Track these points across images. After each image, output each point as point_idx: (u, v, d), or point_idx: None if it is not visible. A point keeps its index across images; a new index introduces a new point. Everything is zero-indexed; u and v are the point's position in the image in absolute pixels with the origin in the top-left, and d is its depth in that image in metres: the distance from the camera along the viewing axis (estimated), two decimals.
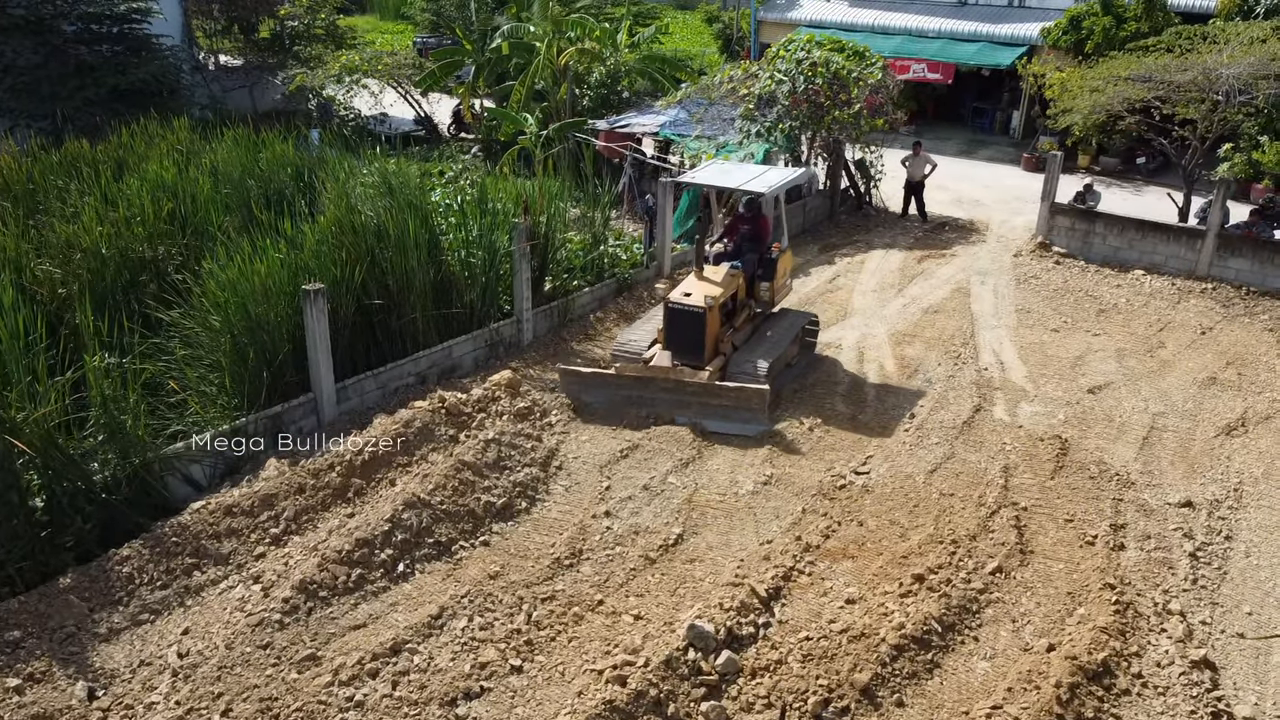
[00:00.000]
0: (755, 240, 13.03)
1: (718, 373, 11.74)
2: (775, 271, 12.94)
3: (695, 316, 11.67)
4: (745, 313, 12.84)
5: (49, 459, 8.83)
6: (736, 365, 11.86)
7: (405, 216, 12.31)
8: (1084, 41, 24.81)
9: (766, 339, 12.47)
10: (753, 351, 12.08)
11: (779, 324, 12.94)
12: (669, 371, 11.62)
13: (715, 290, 11.91)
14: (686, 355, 11.81)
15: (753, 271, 12.91)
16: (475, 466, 9.90)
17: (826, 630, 7.95)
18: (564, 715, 7.02)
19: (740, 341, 12.49)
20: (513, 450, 10.44)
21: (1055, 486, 10.44)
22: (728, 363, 11.98)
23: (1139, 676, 7.64)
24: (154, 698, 7.33)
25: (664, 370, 11.65)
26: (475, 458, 10.01)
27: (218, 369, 10.76)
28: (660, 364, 11.80)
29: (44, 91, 21.41)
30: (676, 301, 11.82)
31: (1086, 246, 18.14)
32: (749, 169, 13.59)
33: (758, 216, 13.10)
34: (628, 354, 12.20)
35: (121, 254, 12.26)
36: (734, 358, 12.05)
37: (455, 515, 9.34)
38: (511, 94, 23.03)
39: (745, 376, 11.57)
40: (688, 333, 11.78)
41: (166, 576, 8.68)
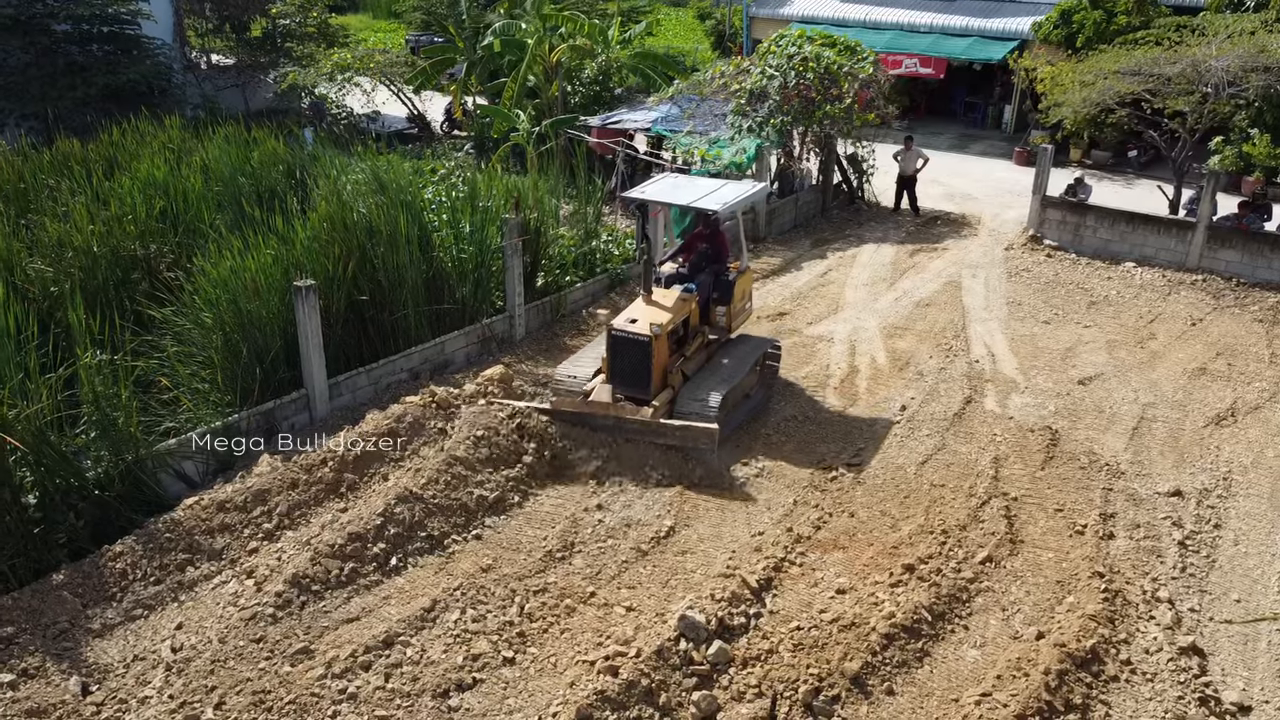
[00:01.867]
0: (713, 260, 12.02)
1: (665, 407, 10.74)
2: (733, 294, 11.92)
3: (640, 345, 10.61)
4: (699, 340, 11.74)
5: (41, 455, 8.84)
6: (686, 399, 10.81)
7: (397, 213, 12.33)
8: (1075, 35, 24.85)
9: (721, 368, 11.40)
10: (704, 383, 11.03)
11: (736, 351, 11.84)
12: (608, 408, 10.59)
13: (664, 316, 10.82)
14: (631, 387, 10.79)
15: (708, 295, 11.85)
16: (467, 461, 9.92)
17: (817, 620, 8.00)
18: (556, 706, 7.05)
19: (692, 371, 11.41)
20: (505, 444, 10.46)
21: (1045, 477, 10.50)
22: (676, 395, 10.97)
23: (1128, 663, 7.69)
24: (147, 692, 7.35)
25: (603, 406, 10.62)
26: (467, 452, 10.03)
27: (210, 365, 10.80)
28: (599, 399, 10.73)
29: (34, 91, 21.37)
30: (620, 329, 10.70)
31: (1077, 239, 18.21)
32: (703, 184, 12.36)
33: (715, 234, 12.13)
34: (567, 388, 11.19)
35: (113, 252, 12.29)
36: (684, 390, 11.00)
37: (447, 509, 9.36)
38: (504, 91, 23.04)
39: (694, 413, 10.56)
40: (632, 363, 10.73)
41: (160, 572, 8.69)
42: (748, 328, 12.86)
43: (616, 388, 10.82)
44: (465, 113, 26.27)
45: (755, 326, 14.43)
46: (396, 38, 38.25)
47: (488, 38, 24.10)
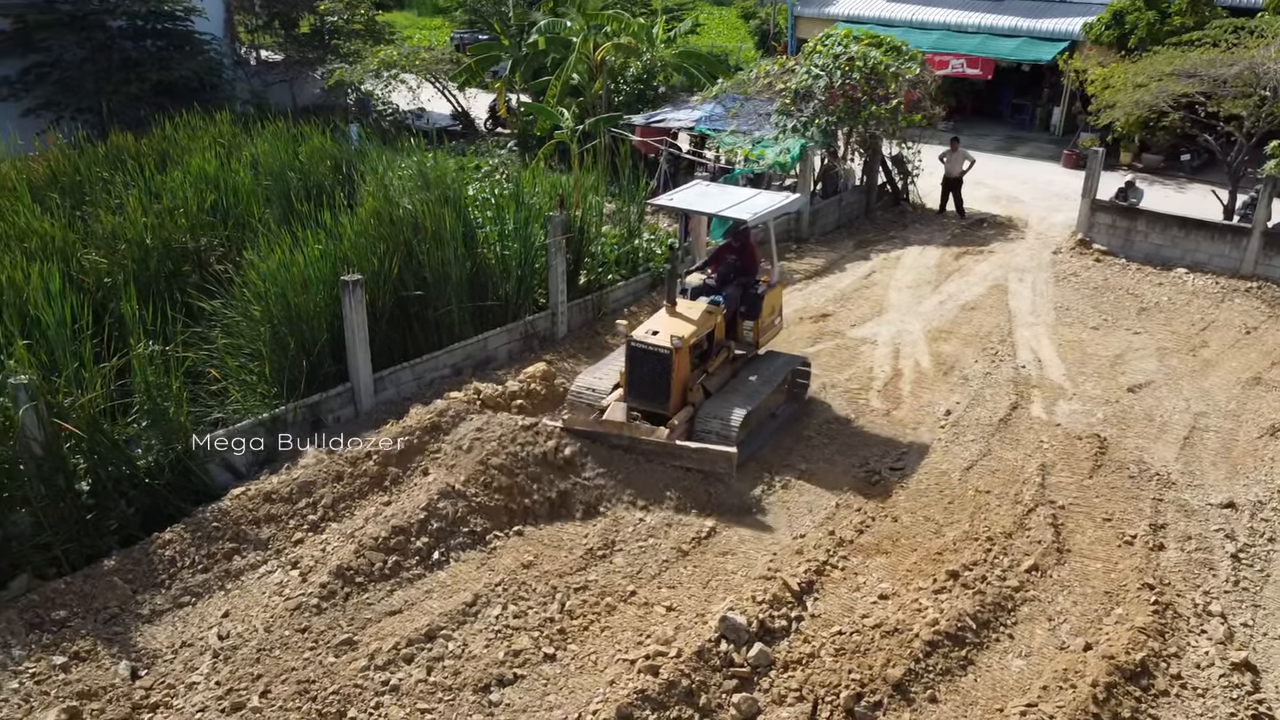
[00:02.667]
0: (741, 272, 11.60)
1: (683, 425, 10.38)
2: (761, 309, 11.42)
3: (660, 359, 10.17)
4: (723, 355, 11.31)
5: (95, 443, 9.01)
6: (706, 417, 10.43)
7: (442, 209, 12.40)
8: (1127, 36, 24.44)
9: (745, 386, 10.97)
10: (726, 401, 10.61)
11: (763, 368, 11.39)
12: (622, 427, 10.17)
13: (686, 329, 10.41)
14: (650, 401, 10.40)
15: (735, 308, 11.39)
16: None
17: (859, 625, 7.93)
18: (596, 704, 7.06)
19: (715, 387, 10.98)
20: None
21: (1093, 485, 10.33)
22: (696, 412, 10.59)
23: (1178, 678, 7.55)
24: (195, 678, 7.46)
25: (616, 425, 10.20)
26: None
27: (258, 358, 10.92)
28: (613, 417, 10.33)
29: (89, 86, 21.78)
30: (640, 340, 10.30)
31: (1128, 244, 17.89)
32: (736, 192, 11.88)
33: (746, 245, 11.70)
34: (585, 401, 10.86)
35: (165, 244, 12.47)
36: (704, 407, 10.60)
37: (489, 505, 9.40)
38: (548, 89, 23.12)
39: (714, 433, 10.22)
40: (652, 376, 10.30)
41: (207, 560, 8.82)
42: (779, 342, 12.48)
43: (635, 402, 10.46)
44: (509, 110, 26.39)
45: (797, 328, 14.41)
46: (441, 35, 38.52)
47: (533, 35, 24.19)
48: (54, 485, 8.70)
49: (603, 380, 11.04)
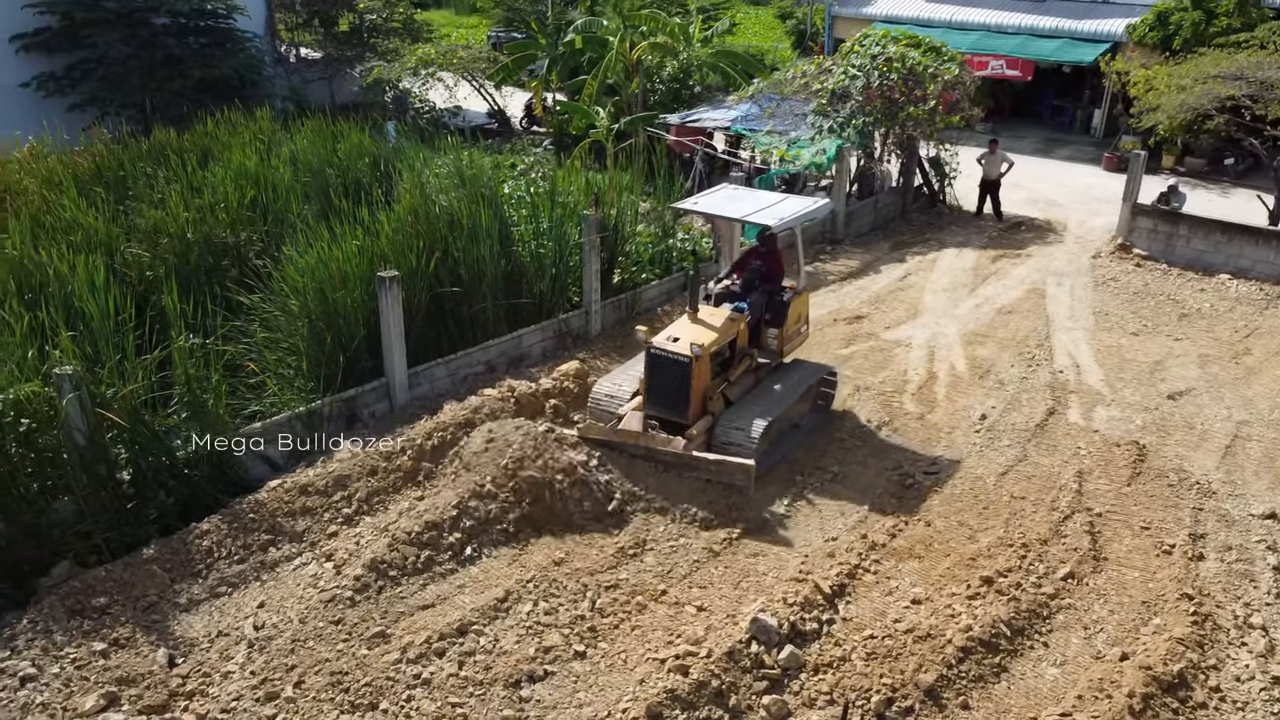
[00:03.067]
0: (766, 279, 11.34)
1: (702, 435, 10.18)
2: (786, 317, 11.18)
3: (680, 366, 9.96)
4: (746, 363, 11.04)
5: (136, 434, 9.15)
6: (725, 427, 10.21)
7: (478, 207, 12.48)
8: (1171, 38, 24.08)
9: (768, 395, 10.71)
10: (747, 410, 10.36)
11: (787, 377, 11.13)
12: (638, 436, 9.99)
13: (707, 336, 10.18)
14: (669, 410, 10.19)
15: (759, 315, 11.16)
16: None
17: (891, 629, 7.88)
18: (626, 702, 7.07)
19: (737, 396, 10.72)
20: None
21: (1131, 493, 10.18)
22: (716, 422, 10.37)
23: (1216, 690, 7.43)
24: (230, 667, 7.56)
25: (632, 435, 10.02)
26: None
27: (295, 352, 11.04)
28: (629, 426, 10.19)
29: (134, 82, 22.11)
30: (660, 347, 10.08)
31: (1169, 249, 17.62)
32: (763, 196, 11.73)
33: (772, 251, 11.39)
34: (603, 408, 10.74)
35: (205, 239, 12.64)
36: (724, 416, 10.37)
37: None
38: (584, 88, 23.17)
39: (733, 444, 10.01)
40: (671, 385, 10.09)
41: (244, 551, 8.93)
42: (808, 350, 12.36)
43: (653, 410, 10.27)
44: (545, 109, 26.48)
45: (831, 329, 14.34)
46: (478, 34, 38.71)
47: (569, 34, 24.25)
48: (95, 474, 8.85)
49: (622, 387, 10.88)
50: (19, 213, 12.23)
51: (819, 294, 15.98)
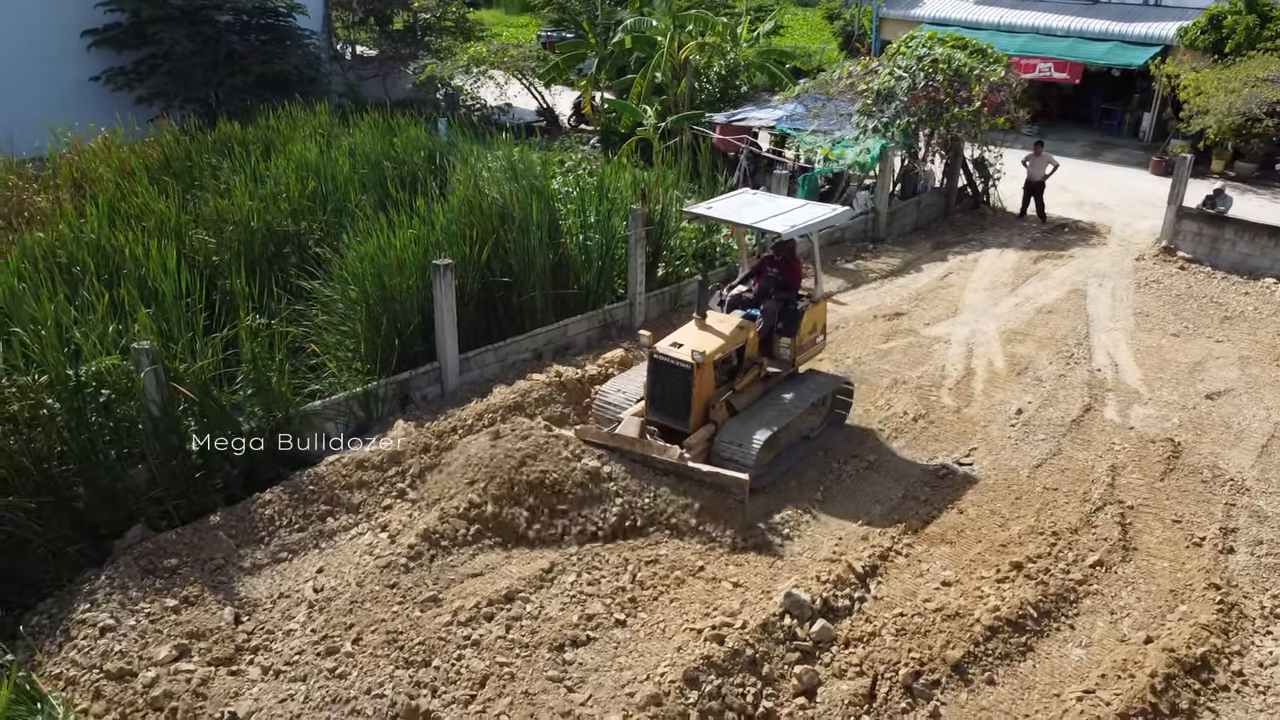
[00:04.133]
0: (782, 287, 11.11)
1: (702, 445, 10.01)
2: (799, 326, 10.91)
3: (681, 373, 9.85)
4: (754, 372, 10.77)
5: (205, 408, 9.69)
6: (725, 438, 9.99)
7: (529, 200, 12.92)
8: (1224, 41, 23.93)
9: (775, 406, 10.44)
10: (750, 422, 10.12)
11: (798, 388, 10.81)
12: (634, 443, 9.74)
13: (712, 344, 10.01)
14: (669, 417, 10.08)
15: (772, 324, 10.92)
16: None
17: (921, 608, 8.16)
18: (664, 667, 7.43)
19: (743, 405, 10.52)
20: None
21: (1164, 488, 10.35)
22: (717, 432, 10.16)
23: (1239, 674, 7.62)
24: (292, 625, 8.04)
25: (628, 441, 9.77)
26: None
27: (353, 335, 11.55)
28: (625, 432, 9.92)
29: (197, 77, 22.88)
30: (663, 353, 9.96)
31: (1214, 252, 17.60)
32: (780, 202, 11.49)
33: (790, 260, 11.18)
34: (608, 414, 10.64)
35: (267, 227, 13.21)
36: (726, 426, 10.15)
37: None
38: (632, 87, 23.57)
39: (731, 457, 9.79)
40: (672, 391, 9.98)
41: (303, 520, 9.43)
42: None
43: (655, 415, 10.18)
44: (593, 108, 26.92)
45: (870, 325, 14.59)
46: (528, 33, 39.30)
47: (619, 34, 24.66)
48: (168, 444, 9.40)
49: (627, 392, 10.78)
50: (95, 199, 12.89)
51: (859, 291, 16.25)
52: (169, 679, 7.37)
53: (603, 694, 7.25)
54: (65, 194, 13.62)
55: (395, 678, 7.23)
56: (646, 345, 10.25)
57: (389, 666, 7.43)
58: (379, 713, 6.91)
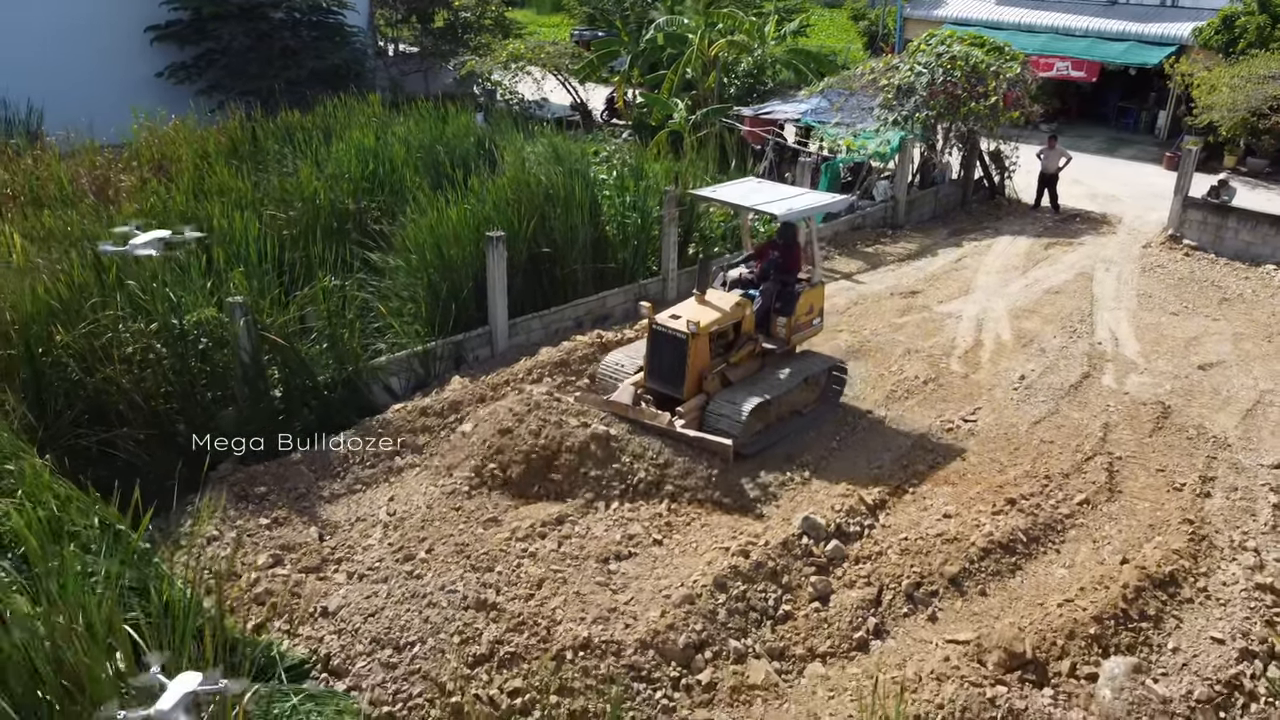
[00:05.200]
0: (782, 270, 11.63)
1: (694, 412, 10.61)
2: (795, 307, 11.39)
3: (677, 343, 10.49)
4: (750, 347, 11.30)
5: (287, 358, 10.90)
6: (717, 405, 10.61)
7: (572, 181, 14.07)
8: (1236, 41, 24.71)
9: (767, 379, 11.02)
10: (741, 391, 10.72)
11: (792, 365, 11.35)
12: (627, 409, 10.49)
13: (709, 317, 10.63)
14: (666, 384, 10.73)
15: (769, 303, 11.45)
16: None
17: (923, 534, 9.22)
18: (696, 575, 8.53)
19: (737, 378, 11.08)
20: None
21: (1152, 443, 11.33)
22: (710, 400, 10.77)
23: (1203, 590, 8.62)
24: (370, 541, 9.21)
25: (622, 407, 10.52)
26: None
27: (414, 300, 12.74)
28: (619, 399, 10.66)
29: (253, 71, 24.22)
30: (661, 324, 10.60)
31: (1218, 240, 18.47)
32: (783, 189, 11.95)
33: (791, 244, 11.71)
34: (611, 376, 11.37)
35: (331, 205, 14.44)
36: (718, 396, 10.77)
37: None
38: (664, 82, 24.69)
39: (721, 423, 10.42)
40: (669, 360, 10.63)
41: (374, 458, 10.61)
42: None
43: (653, 383, 10.87)
44: (626, 103, 28.05)
45: (887, 302, 15.62)
46: (560, 32, 40.51)
47: (651, 31, 25.79)
48: (256, 389, 10.62)
49: (629, 361, 11.46)
50: (178, 177, 14.15)
51: (878, 272, 17.28)
52: (268, 580, 8.55)
53: (643, 595, 8.36)
54: (148, 173, 14.89)
55: (465, 578, 8.37)
56: (647, 316, 10.94)
57: (459, 570, 8.57)
58: (452, 604, 8.05)
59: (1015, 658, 7.64)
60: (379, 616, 8.05)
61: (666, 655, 7.74)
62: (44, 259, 10.44)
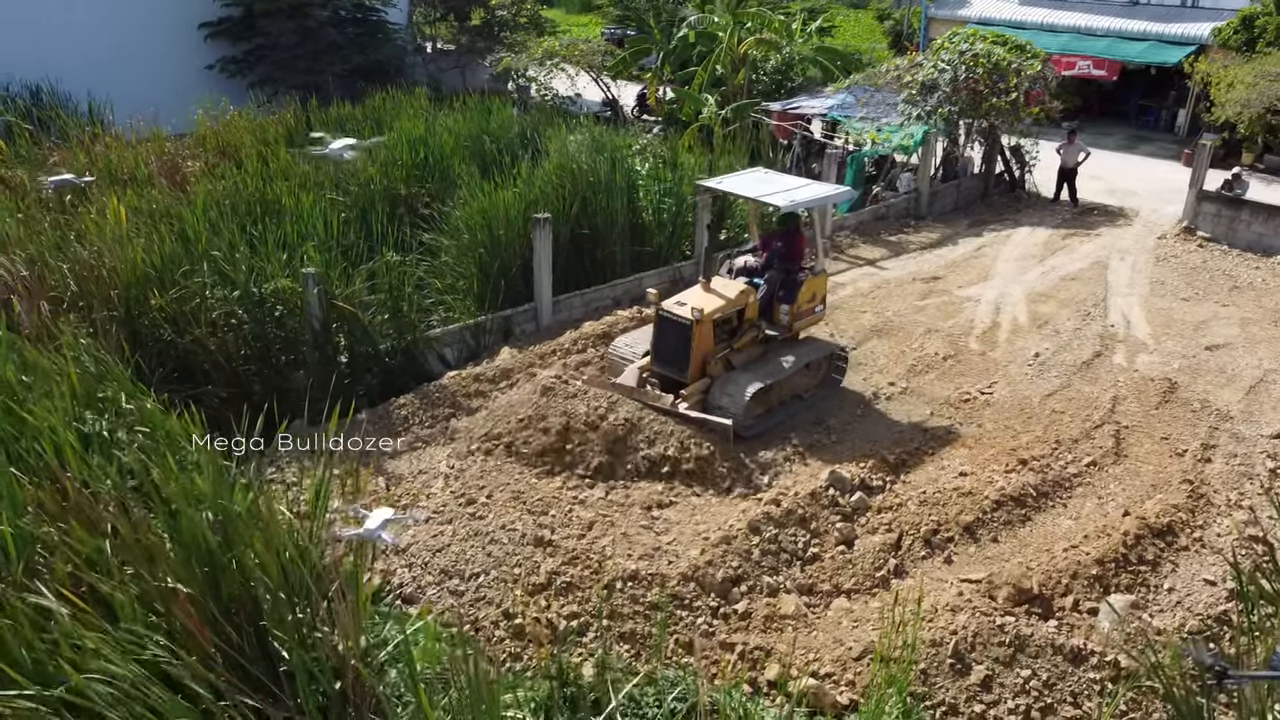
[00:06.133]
0: (786, 259, 11.98)
1: (697, 395, 11.09)
2: (798, 295, 11.73)
3: (682, 328, 10.94)
4: (753, 334, 11.74)
5: (353, 326, 11.83)
6: (718, 389, 11.07)
7: (613, 169, 14.94)
8: (1255, 40, 25.27)
9: (771, 364, 11.48)
10: (744, 375, 11.18)
11: (795, 351, 11.77)
12: (631, 391, 11.01)
13: (714, 304, 11.10)
14: (670, 368, 11.19)
15: (772, 290, 11.84)
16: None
17: (941, 488, 10.02)
18: (731, 520, 9.37)
19: (740, 363, 11.53)
20: None
21: (1158, 414, 12.06)
22: (713, 384, 11.23)
23: (1198, 540, 9.37)
24: (433, 489, 10.09)
25: (626, 390, 11.05)
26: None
27: (465, 277, 13.65)
28: (625, 381, 11.24)
29: (300, 66, 25.30)
30: (667, 310, 11.07)
31: (1231, 232, 19.11)
32: (789, 180, 12.20)
33: (795, 234, 12.09)
34: (620, 355, 11.85)
35: (385, 190, 15.38)
36: (721, 379, 11.22)
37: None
38: (694, 79, 25.53)
39: (722, 405, 10.86)
40: (674, 345, 11.09)
41: (432, 420, 11.50)
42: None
43: (659, 367, 11.34)
44: (657, 99, 28.91)
45: (909, 286, 16.39)
46: (590, 31, 41.43)
47: (683, 30, 26.64)
48: (325, 354, 11.54)
49: (637, 345, 11.90)
50: (243, 161, 15.13)
51: (900, 259, 18.05)
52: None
53: (684, 537, 9.21)
54: (213, 158, 15.89)
55: (523, 519, 9.24)
56: (653, 302, 11.40)
57: (515, 513, 9.45)
58: (512, 540, 8.92)
59: (1023, 593, 8.42)
60: (445, 551, 8.93)
61: (706, 587, 8.58)
62: (134, 231, 11.41)
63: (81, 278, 10.20)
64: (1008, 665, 7.60)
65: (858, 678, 7.69)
